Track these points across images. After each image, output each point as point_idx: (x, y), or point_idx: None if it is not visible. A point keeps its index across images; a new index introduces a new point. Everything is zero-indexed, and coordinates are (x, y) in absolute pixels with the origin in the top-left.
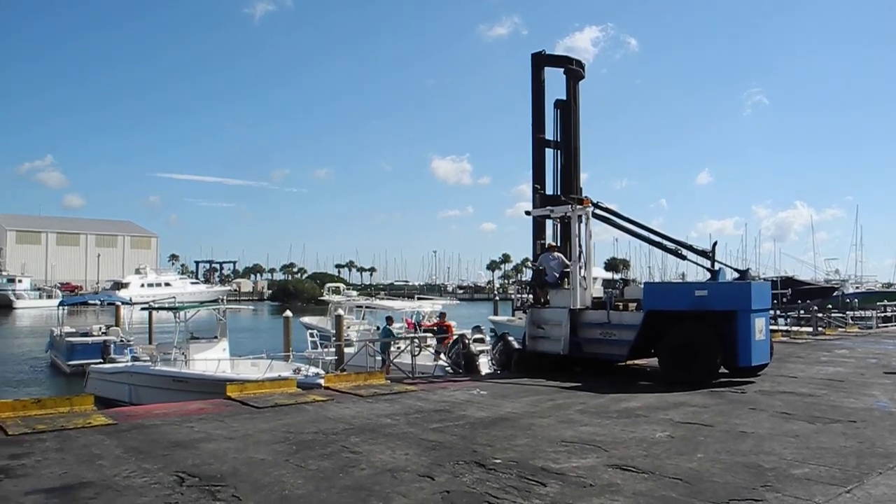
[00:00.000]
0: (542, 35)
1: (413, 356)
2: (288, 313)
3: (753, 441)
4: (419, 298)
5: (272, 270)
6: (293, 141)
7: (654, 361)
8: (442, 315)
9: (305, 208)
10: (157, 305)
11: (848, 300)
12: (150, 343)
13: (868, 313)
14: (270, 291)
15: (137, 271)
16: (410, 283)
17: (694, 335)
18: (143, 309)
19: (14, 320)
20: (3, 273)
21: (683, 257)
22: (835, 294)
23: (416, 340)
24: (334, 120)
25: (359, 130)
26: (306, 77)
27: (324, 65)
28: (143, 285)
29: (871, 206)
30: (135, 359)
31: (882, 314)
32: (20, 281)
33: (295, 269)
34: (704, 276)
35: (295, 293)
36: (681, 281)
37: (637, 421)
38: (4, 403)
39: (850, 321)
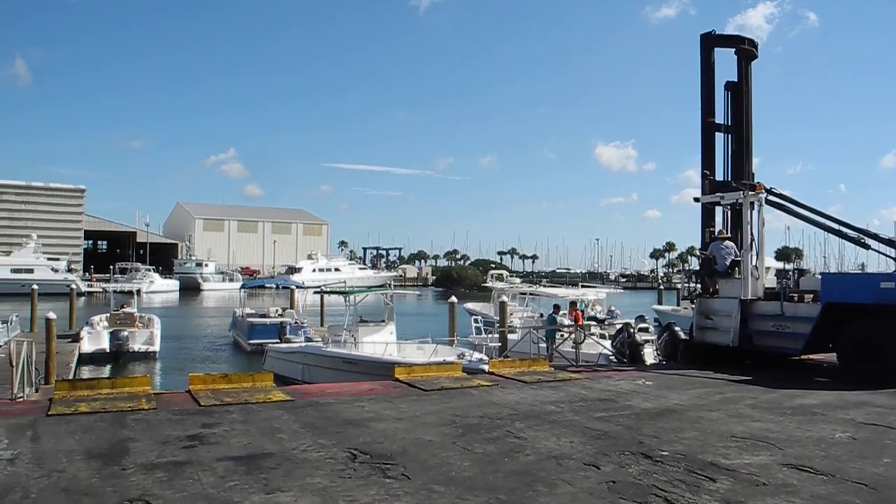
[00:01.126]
0: (711, 14)
1: (577, 344)
2: (453, 299)
3: None
4: (583, 286)
5: (436, 257)
6: (458, 130)
7: (831, 357)
8: (572, 304)
9: (469, 196)
10: (328, 289)
11: None
12: (322, 325)
13: None
14: (434, 277)
15: (309, 257)
16: (572, 271)
17: (878, 330)
18: (315, 293)
19: (201, 301)
20: (193, 258)
21: (867, 246)
22: None
23: (581, 329)
24: (499, 108)
25: (523, 118)
26: (472, 65)
27: (489, 52)
28: (314, 270)
29: None
30: (308, 340)
31: None
32: (207, 265)
33: (458, 256)
34: (888, 266)
35: (458, 279)
36: (862, 272)
37: (814, 419)
38: (197, 377)
39: None
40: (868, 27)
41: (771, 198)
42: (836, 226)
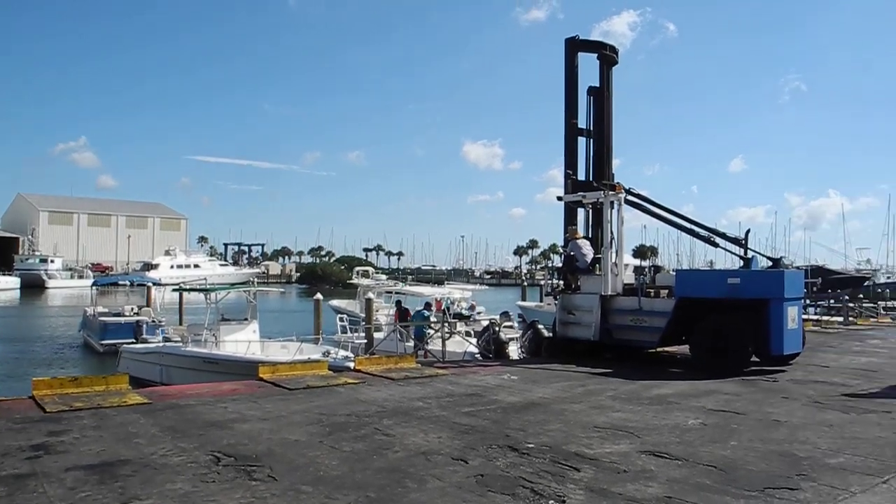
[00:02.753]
0: (578, 19)
1: (443, 341)
2: (318, 296)
3: (787, 430)
4: (448, 284)
5: (300, 253)
6: (326, 125)
7: (685, 349)
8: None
9: (335, 191)
10: (187, 287)
11: (879, 290)
12: (181, 324)
13: None
14: (299, 274)
15: (167, 253)
16: (438, 268)
17: (726, 323)
18: (174, 290)
19: (46, 300)
20: (36, 253)
21: (716, 245)
22: (866, 284)
23: (447, 325)
24: (369, 104)
25: (392, 114)
26: (338, 61)
27: (359, 47)
28: (172, 267)
29: None
30: (166, 339)
31: None
32: (52, 261)
33: (323, 253)
34: (733, 263)
35: (323, 276)
36: (711, 268)
37: (669, 408)
38: (42, 381)
39: (882, 311)
40: (720, 39)
41: (630, 198)
42: (688, 225)
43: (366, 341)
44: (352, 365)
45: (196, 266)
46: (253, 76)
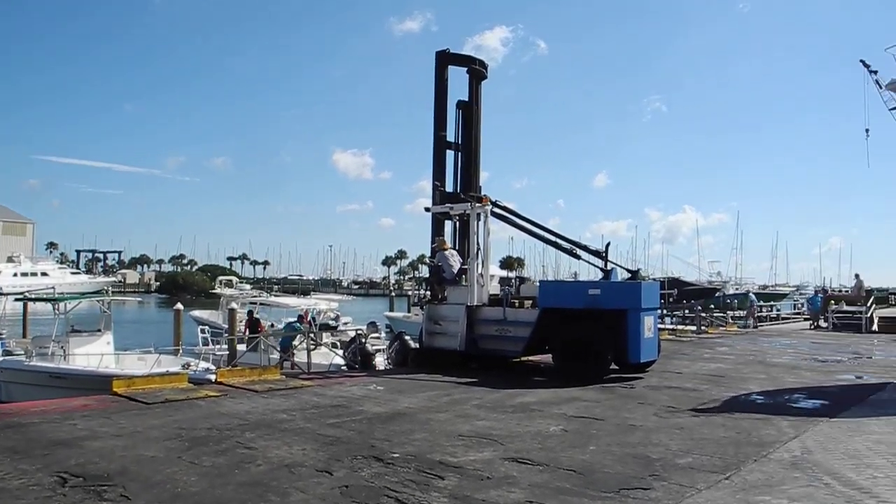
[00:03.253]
0: (452, 32)
1: (309, 352)
2: (178, 306)
3: (642, 433)
4: (315, 295)
5: (161, 262)
6: (191, 128)
7: (548, 358)
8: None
9: (199, 197)
10: (33, 296)
11: (728, 301)
12: (25, 336)
13: (746, 313)
14: (158, 283)
15: (10, 259)
16: (305, 278)
17: (587, 332)
18: (17, 300)
19: None
20: None
21: (578, 257)
22: (717, 295)
23: (313, 336)
24: (237, 108)
25: (261, 120)
26: (205, 64)
27: (228, 52)
28: (16, 275)
29: (752, 212)
30: (7, 353)
31: (758, 314)
32: None
33: (185, 261)
34: (596, 275)
35: (184, 286)
36: (574, 280)
37: (532, 415)
38: None
39: (731, 320)
40: (588, 59)
41: (496, 210)
42: (552, 237)
43: (228, 353)
44: (213, 377)
45: (44, 274)
46: (113, 75)
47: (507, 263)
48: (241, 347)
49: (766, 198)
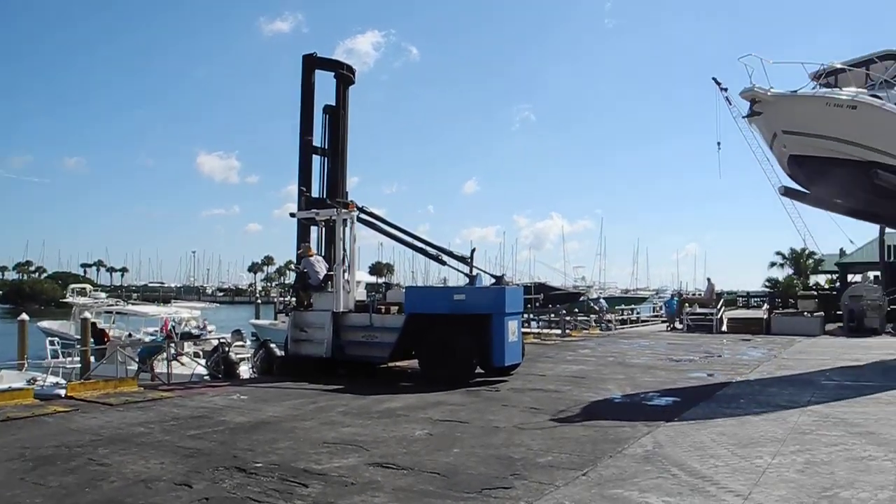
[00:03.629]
0: (323, 35)
1: (169, 362)
2: (24, 317)
3: (505, 435)
4: (177, 302)
5: (4, 269)
6: (40, 126)
7: (415, 363)
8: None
9: (49, 201)
10: None
11: (592, 304)
12: None
13: (609, 316)
14: (1, 293)
15: None
16: (167, 285)
17: (452, 337)
18: None
19: None
20: None
21: (443, 263)
22: (581, 299)
23: (174, 346)
24: (94, 106)
25: (118, 118)
26: (55, 55)
27: (84, 46)
28: None
29: (615, 218)
30: None
31: (620, 317)
32: None
33: (32, 268)
34: (465, 280)
35: (32, 294)
36: (441, 285)
37: (398, 420)
38: None
39: (594, 324)
40: (459, 67)
41: (362, 216)
42: (419, 244)
43: (81, 365)
44: (63, 392)
45: None
46: None
47: (376, 269)
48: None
49: (628, 205)
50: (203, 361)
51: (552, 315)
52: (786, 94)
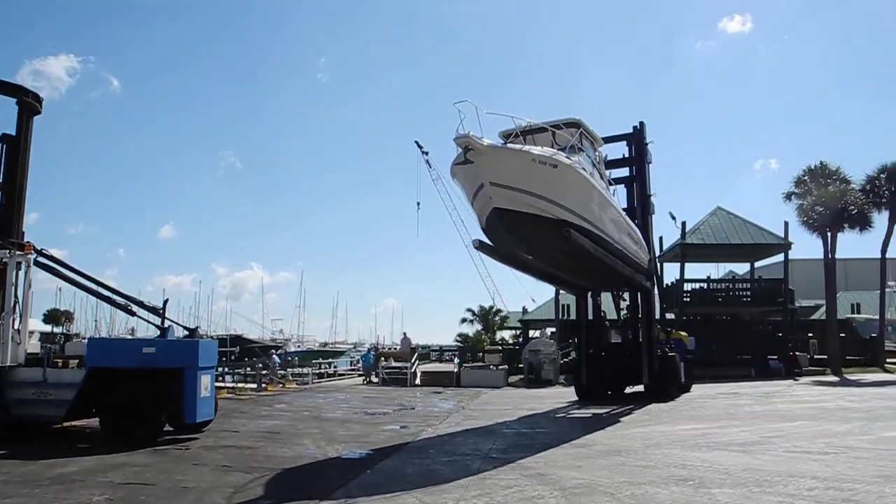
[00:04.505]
0: (8, 51)
1: None
2: None
3: (195, 495)
4: None
5: None
6: None
7: (96, 421)
8: None
9: None
10: None
11: (290, 358)
12: None
13: (306, 370)
14: None
15: None
16: None
17: (139, 393)
18: None
19: None
20: None
21: (133, 313)
22: (279, 352)
23: None
24: None
25: None
26: None
27: None
28: None
29: (316, 270)
30: None
31: (317, 371)
32: None
33: None
34: (155, 332)
35: None
36: (130, 337)
37: (72, 487)
38: None
39: (291, 377)
40: (165, 104)
41: (40, 259)
42: (106, 292)
43: None
44: None
45: None
46: None
47: (52, 317)
48: None
49: (330, 258)
50: None
51: (248, 369)
52: (498, 146)
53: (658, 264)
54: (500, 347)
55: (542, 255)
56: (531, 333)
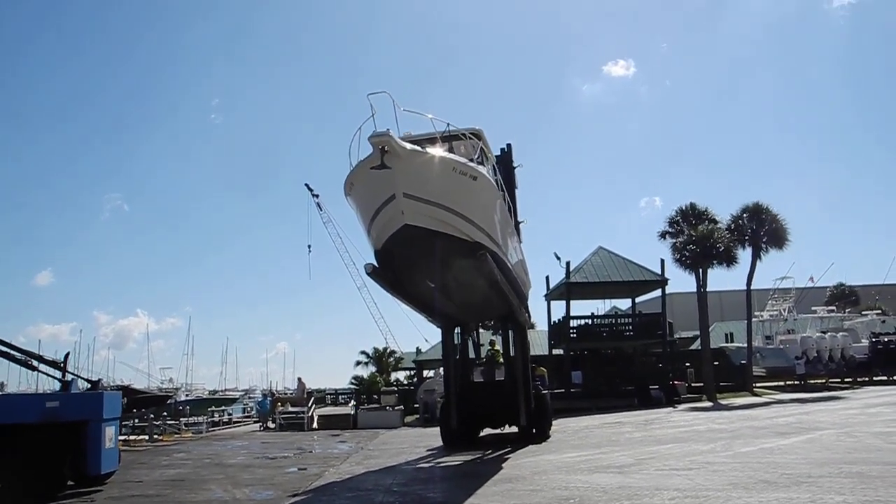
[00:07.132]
0: None
1: None
2: None
3: None
4: None
5: None
6: None
7: None
8: None
9: None
10: None
11: (181, 407)
12: None
13: (199, 419)
14: None
15: None
16: None
17: (41, 447)
18: None
19: None
20: None
21: (35, 368)
22: (169, 402)
23: None
24: None
25: None
26: None
27: None
28: None
29: (205, 316)
30: None
31: (211, 419)
32: None
33: None
34: (33, 386)
35: None
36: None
37: None
38: None
39: (185, 427)
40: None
41: None
42: (3, 348)
43: None
44: None
45: None
46: None
47: None
48: None
49: (218, 303)
50: None
51: (137, 420)
52: (420, 150)
53: (546, 302)
54: (396, 388)
55: (441, 282)
56: (425, 373)
